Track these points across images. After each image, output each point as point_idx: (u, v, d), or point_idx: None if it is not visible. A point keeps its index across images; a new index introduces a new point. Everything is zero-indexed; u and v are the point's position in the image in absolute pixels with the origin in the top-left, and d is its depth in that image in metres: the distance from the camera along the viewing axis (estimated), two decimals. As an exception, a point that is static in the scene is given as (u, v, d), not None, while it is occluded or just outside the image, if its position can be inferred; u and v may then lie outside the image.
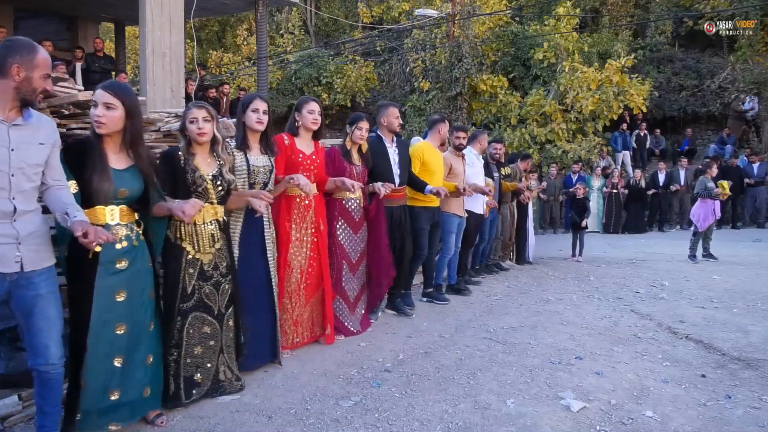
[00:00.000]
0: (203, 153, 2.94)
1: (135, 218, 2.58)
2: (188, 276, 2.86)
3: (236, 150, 3.26)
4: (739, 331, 4.42)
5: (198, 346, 2.91)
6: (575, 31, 14.29)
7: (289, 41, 19.82)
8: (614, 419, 2.88)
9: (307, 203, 3.72)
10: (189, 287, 2.86)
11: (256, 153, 3.35)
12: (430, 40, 15.80)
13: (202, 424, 2.76)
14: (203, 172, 2.88)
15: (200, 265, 2.89)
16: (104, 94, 2.46)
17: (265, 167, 3.35)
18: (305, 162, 3.71)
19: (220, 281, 2.97)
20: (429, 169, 4.87)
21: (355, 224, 4.14)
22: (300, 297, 3.75)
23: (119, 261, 2.46)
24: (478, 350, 3.93)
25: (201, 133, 2.86)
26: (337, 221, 4.07)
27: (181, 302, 2.84)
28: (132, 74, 17.37)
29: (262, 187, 3.31)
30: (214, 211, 2.93)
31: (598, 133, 13.43)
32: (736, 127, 14.13)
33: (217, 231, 2.95)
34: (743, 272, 7.00)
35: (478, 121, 14.47)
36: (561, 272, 7.22)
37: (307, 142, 3.79)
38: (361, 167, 4.19)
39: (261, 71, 10.80)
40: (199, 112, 2.87)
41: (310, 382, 3.30)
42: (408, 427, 2.78)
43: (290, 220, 3.66)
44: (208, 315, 2.93)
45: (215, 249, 2.94)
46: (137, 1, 6.75)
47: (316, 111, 3.73)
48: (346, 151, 4.13)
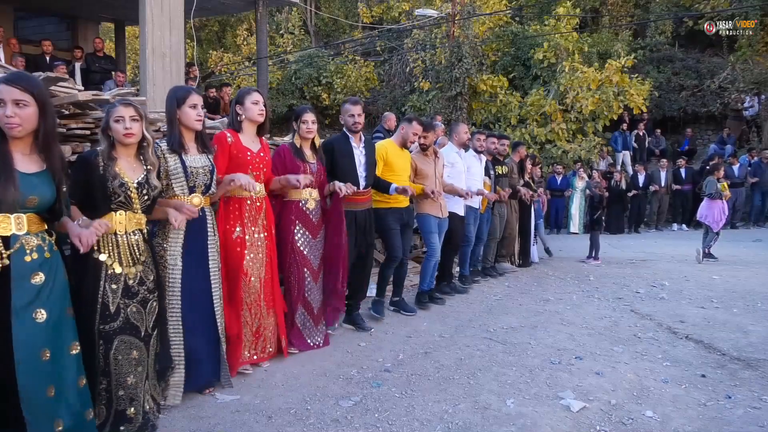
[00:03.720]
0: (128, 156, 2.60)
1: (45, 227, 2.23)
2: (111, 293, 2.50)
3: (169, 152, 2.92)
4: (739, 331, 4.42)
5: (130, 376, 2.54)
6: (575, 31, 14.30)
7: (289, 41, 19.82)
8: (614, 419, 2.88)
9: (258, 205, 3.40)
10: (113, 306, 2.50)
11: (193, 153, 3.01)
12: (430, 40, 15.81)
13: (202, 424, 2.76)
14: (127, 179, 2.54)
15: (124, 280, 2.54)
16: (12, 90, 2.06)
17: (204, 168, 3.01)
18: (254, 160, 3.37)
19: (148, 298, 2.63)
20: (392, 170, 4.55)
21: (313, 228, 3.79)
22: (261, 307, 3.41)
23: (33, 276, 2.13)
24: (478, 350, 3.93)
25: (128, 134, 2.52)
26: (294, 225, 3.70)
27: (103, 323, 2.48)
28: (132, 74, 17.38)
29: (204, 190, 3.00)
30: (137, 220, 2.61)
31: (598, 133, 13.43)
32: (736, 127, 14.13)
33: (141, 242, 2.62)
34: (743, 272, 7.00)
35: (478, 121, 14.47)
36: (561, 272, 7.22)
37: (252, 138, 3.45)
38: (316, 164, 3.81)
39: (261, 71, 10.81)
40: (125, 111, 2.52)
41: (310, 382, 3.30)
42: (408, 427, 2.78)
43: (242, 224, 3.33)
44: (135, 337, 2.57)
45: (140, 262, 2.61)
46: (137, 1, 6.74)
47: (260, 101, 3.39)
48: (296, 148, 3.75)
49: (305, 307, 3.78)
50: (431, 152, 5.06)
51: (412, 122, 4.66)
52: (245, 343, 3.37)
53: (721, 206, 7.98)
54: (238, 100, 3.42)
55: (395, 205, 4.55)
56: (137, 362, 2.58)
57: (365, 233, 4.26)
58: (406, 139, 4.65)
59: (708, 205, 8.08)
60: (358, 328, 4.34)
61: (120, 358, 2.52)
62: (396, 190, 4.33)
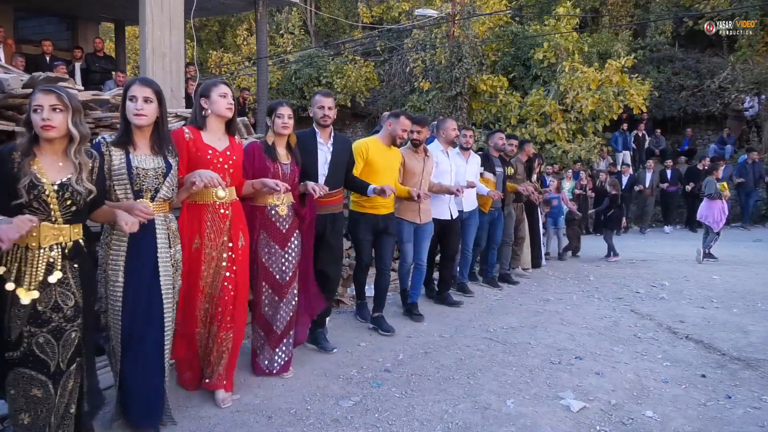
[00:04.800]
0: (53, 154, 2.17)
1: None
2: (13, 317, 2.08)
3: (115, 147, 2.53)
4: (739, 331, 4.43)
5: (26, 415, 2.11)
6: (575, 31, 14.29)
7: (289, 41, 19.83)
8: (614, 419, 2.88)
9: (223, 212, 2.95)
10: (13, 333, 2.08)
11: (144, 152, 2.59)
12: (430, 40, 15.81)
13: (202, 424, 2.76)
14: (45, 180, 2.11)
15: (32, 304, 2.09)
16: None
17: (156, 170, 2.58)
18: (216, 160, 2.95)
19: (63, 328, 2.16)
20: (375, 169, 4.17)
21: (281, 237, 3.32)
22: (214, 330, 2.98)
23: None
24: (478, 350, 3.93)
25: (46, 126, 2.10)
26: (257, 234, 3.29)
27: (4, 349, 2.10)
28: (132, 74, 17.37)
29: (152, 194, 2.57)
30: (56, 232, 2.14)
31: (598, 133, 13.43)
32: (736, 127, 14.14)
33: (58, 259, 2.15)
34: (743, 272, 7.00)
35: (478, 121, 14.48)
36: (561, 272, 7.22)
37: (218, 135, 3.03)
38: (290, 165, 3.40)
39: (261, 71, 10.81)
40: (45, 99, 2.10)
41: (310, 382, 3.30)
42: (408, 427, 2.78)
43: (201, 234, 2.90)
44: (40, 373, 2.12)
45: (55, 283, 2.15)
46: (137, 1, 6.74)
47: (229, 94, 3.03)
48: (268, 146, 3.35)
49: (262, 327, 3.36)
50: (422, 150, 4.69)
51: (400, 117, 4.31)
52: (200, 368, 3.04)
53: (720, 206, 7.99)
54: (203, 93, 3.02)
55: (371, 211, 4.18)
56: (39, 402, 2.12)
57: (324, 241, 3.79)
58: (395, 135, 4.29)
59: (708, 206, 8.08)
60: (319, 348, 3.90)
61: (14, 393, 2.11)
62: (374, 191, 3.93)
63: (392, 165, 4.34)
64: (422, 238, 4.70)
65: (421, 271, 4.82)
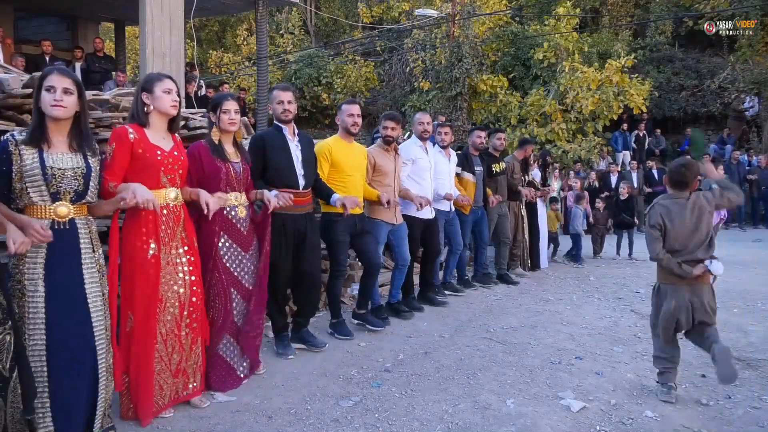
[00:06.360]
0: None
1: None
2: None
3: (26, 146, 2.27)
4: (739, 331, 4.42)
5: None
6: (575, 31, 14.30)
7: (289, 41, 19.85)
8: (614, 419, 2.88)
9: (177, 214, 2.81)
10: None
11: (60, 149, 2.34)
12: (430, 40, 15.82)
13: (202, 424, 2.76)
14: None
15: None
16: None
17: (75, 170, 2.34)
18: (166, 161, 2.74)
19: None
20: (341, 169, 3.96)
21: (243, 240, 3.17)
22: (180, 339, 2.80)
23: None
24: (478, 350, 3.93)
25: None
26: (218, 237, 3.07)
27: None
28: (132, 74, 17.37)
29: (73, 197, 2.34)
30: None
31: (598, 133, 13.44)
32: (736, 127, 14.15)
33: None
34: (743, 272, 6.99)
35: (478, 121, 14.48)
36: (561, 272, 7.21)
37: (162, 134, 2.81)
38: (240, 164, 3.19)
39: (261, 71, 10.82)
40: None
41: (310, 382, 3.30)
42: (408, 427, 2.78)
43: (158, 239, 2.70)
44: None
45: None
46: (137, 1, 6.76)
47: (174, 90, 2.79)
48: (215, 145, 3.12)
49: (234, 335, 3.16)
50: (393, 148, 4.49)
51: (342, 106, 4.10)
52: (162, 385, 2.77)
53: None
54: (144, 87, 2.77)
55: None
56: None
57: (304, 242, 3.59)
58: (345, 126, 4.05)
59: None
60: (309, 346, 3.76)
61: None
62: (338, 201, 3.72)
63: (359, 164, 4.15)
64: (402, 238, 4.56)
65: (403, 271, 4.66)
